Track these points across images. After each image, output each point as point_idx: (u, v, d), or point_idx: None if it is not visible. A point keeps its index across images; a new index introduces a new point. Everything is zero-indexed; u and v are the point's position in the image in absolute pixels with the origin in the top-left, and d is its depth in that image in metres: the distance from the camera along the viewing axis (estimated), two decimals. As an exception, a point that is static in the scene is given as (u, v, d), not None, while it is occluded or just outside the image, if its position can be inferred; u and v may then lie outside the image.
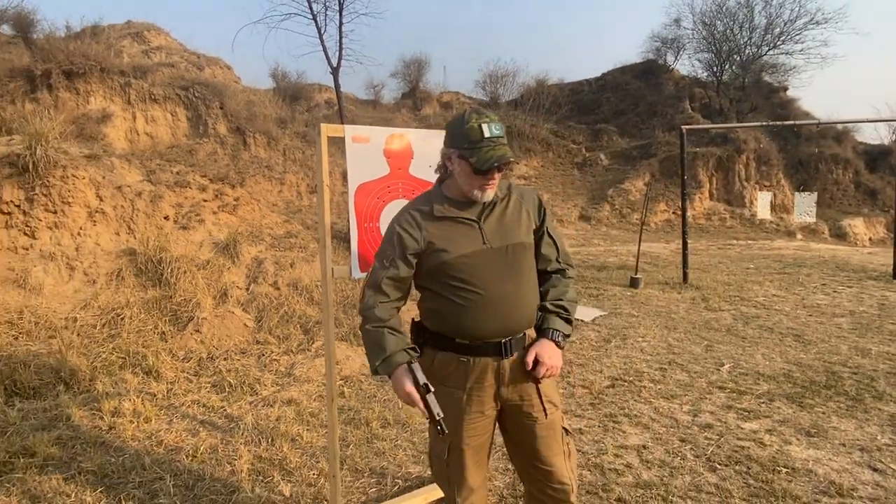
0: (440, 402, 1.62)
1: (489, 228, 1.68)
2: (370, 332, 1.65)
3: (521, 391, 1.71)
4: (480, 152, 1.58)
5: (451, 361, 1.69)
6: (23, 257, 5.19)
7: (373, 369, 1.65)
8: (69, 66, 10.90)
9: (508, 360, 1.69)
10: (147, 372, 3.92)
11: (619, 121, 20.91)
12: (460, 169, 1.64)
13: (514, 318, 1.68)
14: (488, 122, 1.60)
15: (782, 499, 2.54)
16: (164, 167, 6.66)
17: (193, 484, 2.61)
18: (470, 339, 1.66)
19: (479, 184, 1.64)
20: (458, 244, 1.65)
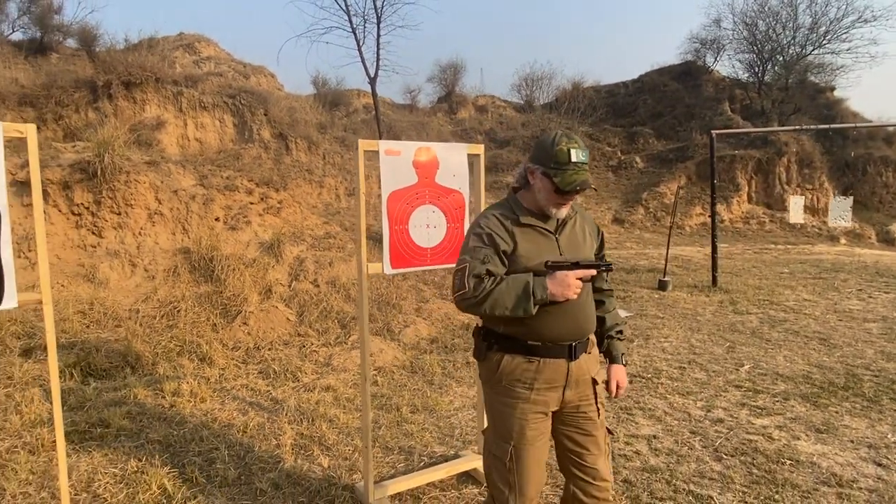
0: (506, 403, 1.76)
1: (563, 241, 1.79)
2: (494, 290, 1.67)
3: (580, 392, 1.81)
4: (565, 175, 1.68)
5: (519, 363, 1.75)
6: (91, 254, 5.73)
7: (532, 303, 1.65)
8: (127, 77, 11.66)
9: (575, 363, 1.77)
10: (201, 358, 4.34)
11: (656, 123, 20.71)
12: (542, 185, 1.74)
13: (582, 324, 1.79)
14: (577, 148, 1.70)
15: (782, 487, 2.71)
16: (215, 172, 7.15)
17: (244, 454, 2.97)
18: (542, 341, 1.74)
19: (557, 202, 1.74)
20: (540, 252, 1.75)
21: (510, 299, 1.66)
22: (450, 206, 2.54)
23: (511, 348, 1.77)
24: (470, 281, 1.70)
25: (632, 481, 2.73)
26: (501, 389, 1.78)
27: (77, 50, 13.85)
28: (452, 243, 2.55)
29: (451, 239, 2.55)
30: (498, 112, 24.14)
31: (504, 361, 1.77)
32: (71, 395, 3.61)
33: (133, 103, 12.05)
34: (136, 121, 11.85)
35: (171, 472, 2.74)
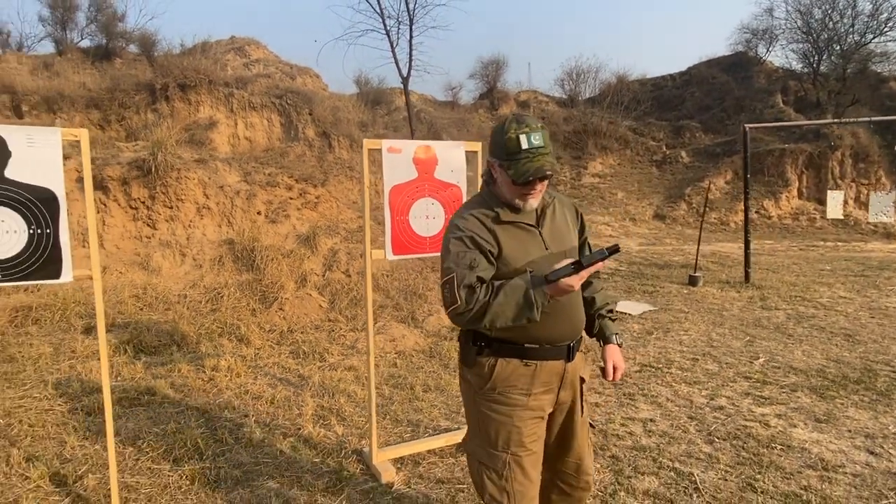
0: (498, 411, 1.66)
1: (546, 234, 1.68)
2: (492, 303, 1.54)
3: (573, 393, 1.75)
4: (518, 164, 1.56)
5: (514, 367, 1.65)
6: (146, 244, 6.29)
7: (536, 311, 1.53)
8: (183, 80, 12.40)
9: (571, 363, 1.71)
10: (239, 339, 4.75)
11: (704, 116, 20.20)
12: (502, 179, 1.64)
13: (577, 321, 1.71)
14: (527, 133, 1.56)
15: (766, 468, 2.82)
16: (258, 169, 7.63)
17: (270, 421, 3.32)
18: (540, 343, 1.64)
19: (521, 193, 1.63)
20: (526, 251, 1.63)
21: (510, 310, 1.53)
22: (448, 199, 2.79)
23: (505, 352, 1.65)
24: (461, 293, 1.55)
25: (619, 457, 2.91)
26: (494, 397, 1.67)
27: (138, 55, 14.81)
28: (450, 233, 2.80)
29: (449, 229, 2.80)
30: (540, 107, 24.07)
31: (498, 367, 1.65)
32: (124, 368, 4.08)
33: (188, 104, 12.81)
34: (190, 121, 12.61)
35: (205, 433, 3.12)
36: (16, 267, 2.01)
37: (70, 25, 15.40)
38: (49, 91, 11.02)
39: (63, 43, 15.25)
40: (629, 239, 13.01)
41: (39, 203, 2.04)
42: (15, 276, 2.02)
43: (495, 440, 1.67)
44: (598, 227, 13.96)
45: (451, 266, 1.59)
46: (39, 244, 2.03)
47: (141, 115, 12.13)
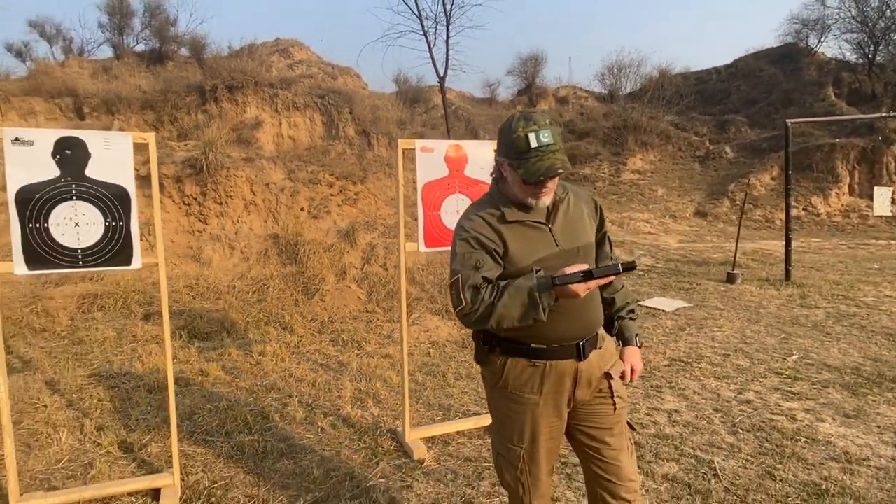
0: (513, 408, 1.68)
1: (558, 231, 1.65)
2: (497, 304, 1.53)
3: (594, 391, 1.71)
4: (528, 164, 1.53)
5: (523, 367, 1.65)
6: (198, 238, 6.69)
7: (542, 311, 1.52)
8: (231, 81, 12.94)
9: (585, 362, 1.66)
10: (284, 327, 5.05)
11: (750, 111, 19.62)
12: (512, 178, 1.61)
13: (589, 319, 1.67)
14: (536, 131, 1.53)
15: (788, 459, 2.88)
16: (301, 167, 7.97)
17: (311, 402, 3.57)
18: (547, 343, 1.62)
19: (532, 192, 1.60)
20: (534, 249, 1.61)
21: (516, 311, 1.52)
22: (478, 195, 2.93)
23: (514, 352, 1.66)
24: (466, 294, 1.55)
25: (641, 444, 3.02)
26: (508, 394, 1.68)
27: (189, 58, 15.49)
28: (480, 227, 2.97)
29: (478, 223, 2.97)
30: (579, 103, 23.87)
31: (508, 366, 1.67)
32: (180, 352, 4.42)
33: (235, 105, 13.35)
34: (238, 121, 13.14)
35: (253, 410, 3.39)
36: (95, 254, 2.29)
37: (126, 31, 16.23)
38: (108, 94, 11.67)
39: (120, 48, 16.08)
40: (668, 236, 12.85)
41: (114, 198, 2.32)
42: (93, 263, 2.30)
43: (511, 435, 1.70)
44: (636, 224, 13.84)
45: (457, 268, 1.60)
46: (114, 235, 2.31)
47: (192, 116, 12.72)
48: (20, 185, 2.20)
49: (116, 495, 2.50)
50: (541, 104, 22.95)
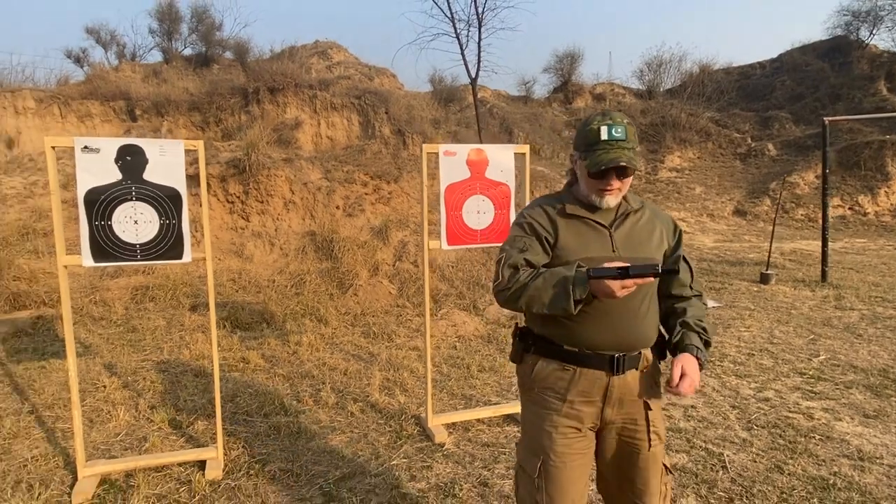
0: (537, 413, 1.63)
1: (619, 237, 1.59)
2: (531, 284, 1.52)
3: (626, 414, 1.60)
4: (594, 155, 1.52)
5: (552, 370, 1.60)
6: (240, 234, 7.06)
7: (572, 303, 1.47)
8: (272, 83, 13.41)
9: (619, 378, 1.57)
10: (319, 320, 5.33)
11: (795, 106, 19.03)
12: (580, 172, 1.60)
13: (632, 334, 1.58)
14: (610, 125, 1.51)
15: (799, 455, 2.94)
16: (338, 167, 8.27)
17: (343, 389, 3.82)
18: (580, 347, 1.57)
19: (596, 188, 1.57)
20: (587, 246, 1.57)
21: (546, 295, 1.49)
22: (498, 196, 3.12)
23: (547, 352, 1.62)
24: (505, 271, 1.56)
25: (654, 436, 3.13)
26: (534, 397, 1.65)
27: (233, 61, 16.10)
28: (500, 226, 3.14)
29: (498, 222, 3.14)
30: (616, 99, 23.58)
31: (538, 367, 1.63)
32: (223, 340, 4.74)
33: (276, 106, 13.83)
34: (278, 122, 13.62)
35: (289, 395, 3.66)
36: (151, 249, 2.57)
37: (175, 36, 16.97)
38: (158, 97, 12.27)
39: (169, 52, 16.83)
40: (704, 235, 12.67)
41: (168, 199, 2.59)
42: (150, 257, 2.58)
43: (530, 441, 1.64)
44: (672, 222, 13.67)
45: (505, 247, 1.63)
46: (168, 232, 2.59)
47: (235, 117, 13.26)
48: (88, 188, 2.50)
49: (168, 464, 2.79)
50: (577, 101, 22.79)
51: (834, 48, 20.05)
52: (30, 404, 3.60)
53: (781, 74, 20.67)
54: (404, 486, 2.62)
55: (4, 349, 4.61)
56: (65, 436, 3.17)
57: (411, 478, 2.70)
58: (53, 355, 4.47)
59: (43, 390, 3.81)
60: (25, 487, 2.64)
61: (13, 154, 10.02)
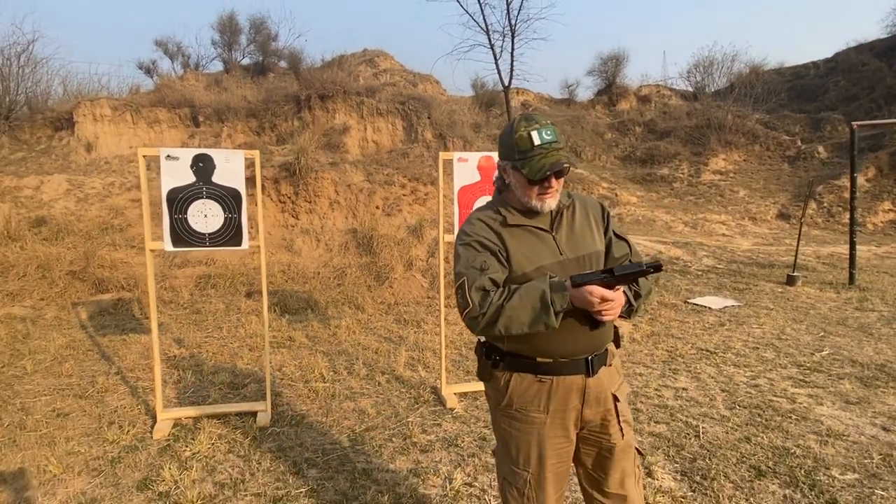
0: (519, 428, 1.61)
1: (562, 238, 1.60)
2: (506, 306, 1.47)
3: (602, 411, 1.63)
4: (532, 161, 1.51)
5: (529, 383, 1.59)
6: (290, 231, 7.78)
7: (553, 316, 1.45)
8: (323, 91, 14.26)
9: (594, 378, 1.60)
10: (357, 307, 5.93)
11: (849, 108, 18.45)
12: (516, 180, 1.59)
13: (599, 333, 1.58)
14: (538, 129, 1.52)
15: (771, 430, 3.28)
16: (379, 170, 8.91)
17: (373, 364, 4.38)
18: (555, 357, 1.56)
19: (538, 193, 1.57)
20: (536, 255, 1.56)
21: (526, 314, 1.45)
22: (505, 197, 3.60)
23: (519, 367, 1.60)
24: (473, 295, 1.49)
25: (640, 410, 3.53)
26: (513, 413, 1.62)
27: (287, 70, 17.10)
28: (506, 223, 3.62)
29: (505, 220, 3.62)
30: (662, 101, 23.42)
31: (513, 382, 1.60)
32: (273, 322, 5.40)
33: (326, 112, 14.68)
34: (328, 127, 14.45)
35: (327, 366, 4.26)
36: (217, 237, 3.19)
37: (235, 47, 18.16)
38: (219, 104, 13.27)
39: (229, 62, 18.02)
40: (743, 238, 12.63)
41: (231, 197, 3.21)
42: (216, 243, 3.21)
43: (516, 457, 1.63)
44: (711, 226, 13.66)
45: (461, 270, 1.55)
46: (230, 224, 3.21)
47: (288, 123, 14.17)
48: (169, 188, 3.14)
49: (227, 413, 3.42)
50: (621, 104, 22.79)
51: (893, 47, 19.32)
52: (115, 367, 4.34)
53: (836, 75, 20.08)
54: (416, 437, 3.14)
55: (92, 325, 5.43)
56: (144, 391, 3.86)
57: (423, 431, 3.22)
58: (132, 331, 5.24)
59: (125, 357, 4.55)
60: (117, 427, 3.32)
61: (91, 157, 11.18)
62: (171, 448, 3.04)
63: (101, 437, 3.19)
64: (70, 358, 4.52)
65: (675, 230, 13.08)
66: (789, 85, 20.43)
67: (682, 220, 13.67)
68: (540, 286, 1.47)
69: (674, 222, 13.47)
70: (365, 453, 2.98)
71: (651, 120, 20.71)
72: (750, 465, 2.87)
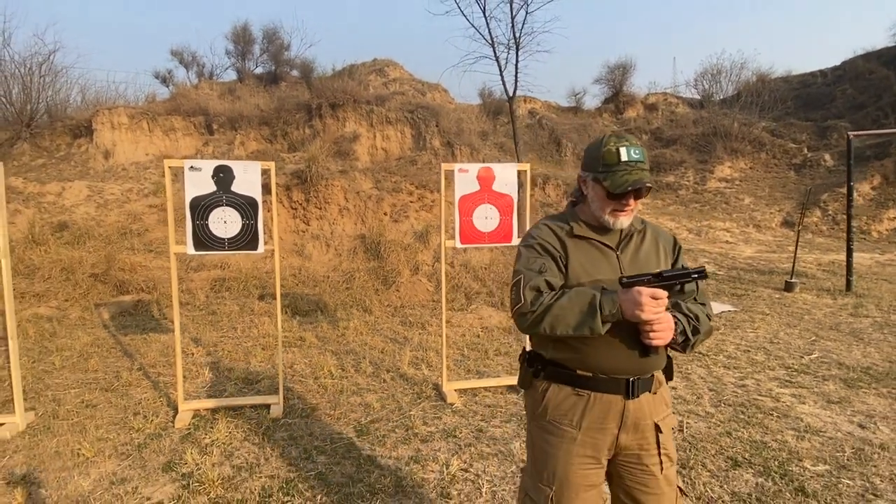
0: (548, 441, 1.60)
1: (626, 259, 1.61)
2: (554, 305, 1.49)
3: (640, 439, 1.59)
4: (616, 176, 1.53)
5: (566, 395, 1.58)
6: (301, 236, 8.06)
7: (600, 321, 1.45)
8: (333, 100, 14.60)
9: (634, 402, 1.56)
10: (365, 310, 6.19)
11: (856, 116, 18.53)
12: (594, 193, 1.60)
13: (646, 356, 1.56)
14: (627, 146, 1.54)
15: (752, 426, 3.48)
16: (387, 178, 9.18)
17: (378, 362, 4.63)
18: (594, 371, 1.56)
19: (613, 208, 1.58)
20: (596, 269, 1.57)
21: (573, 315, 1.46)
22: (503, 205, 3.85)
23: (559, 377, 1.60)
24: (527, 293, 1.53)
25: (630, 406, 3.74)
26: (545, 425, 1.61)
27: (299, 79, 17.48)
28: (504, 229, 3.86)
29: (503, 226, 3.86)
30: (669, 109, 23.57)
31: (550, 392, 1.61)
32: (285, 323, 5.67)
33: (337, 121, 15.02)
34: (338, 135, 14.79)
35: (335, 364, 4.51)
36: (235, 242, 3.46)
37: (248, 56, 18.59)
38: (232, 112, 13.64)
39: (242, 71, 18.45)
40: (747, 245, 12.77)
41: (248, 205, 3.48)
42: (234, 247, 3.47)
43: (541, 472, 1.61)
44: (715, 233, 13.80)
45: (520, 269, 1.59)
46: (248, 229, 3.47)
47: (300, 131, 14.53)
48: (192, 196, 3.42)
49: (242, 405, 3.68)
50: (628, 111, 22.96)
51: (900, 55, 19.38)
52: (137, 363, 4.62)
53: (843, 83, 20.16)
54: (417, 428, 3.38)
55: (114, 324, 5.72)
56: (165, 385, 4.13)
57: (424, 423, 3.46)
58: (152, 330, 5.53)
59: (146, 355, 4.83)
60: (142, 417, 3.59)
61: (109, 164, 11.56)
62: (192, 436, 3.30)
63: (128, 425, 3.46)
64: (95, 355, 4.81)
65: (680, 237, 13.24)
66: (796, 93, 20.53)
67: (687, 228, 13.81)
68: (591, 290, 1.49)
69: (678, 229, 13.62)
70: (369, 442, 3.22)
71: (658, 128, 20.87)
72: (727, 456, 3.08)
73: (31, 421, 3.52)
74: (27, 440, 3.27)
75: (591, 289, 1.50)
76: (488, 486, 2.75)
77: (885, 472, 2.92)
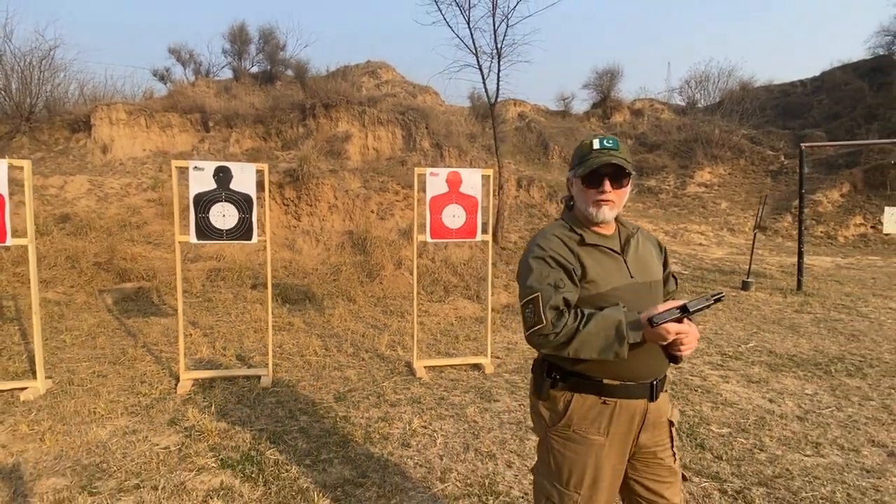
0: (574, 450, 1.60)
1: (631, 262, 1.63)
2: (582, 331, 1.47)
3: (657, 436, 1.65)
4: (587, 162, 1.57)
5: (592, 404, 1.58)
6: (292, 231, 8.57)
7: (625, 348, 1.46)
8: (327, 100, 15.09)
9: (655, 403, 1.61)
10: (349, 300, 6.72)
11: (831, 125, 19.25)
12: (577, 189, 1.64)
13: (663, 357, 1.60)
14: (600, 138, 1.58)
15: (677, 399, 4.02)
16: (374, 178, 9.71)
17: (359, 344, 5.16)
18: (621, 379, 1.56)
19: (593, 198, 1.60)
20: (611, 276, 1.58)
21: (599, 341, 1.46)
22: (469, 205, 4.39)
23: (582, 387, 1.59)
24: (547, 313, 1.49)
25: (575, 382, 4.30)
26: (569, 434, 1.60)
27: (293, 79, 17.95)
28: (469, 226, 4.40)
29: (468, 224, 4.40)
30: (655, 115, 24.23)
31: (574, 403, 1.59)
32: (275, 310, 6.19)
33: (330, 121, 15.51)
34: (330, 134, 15.28)
35: (320, 345, 5.05)
36: (232, 233, 3.98)
37: (244, 55, 19.03)
38: (228, 110, 14.10)
39: (238, 70, 18.88)
40: (719, 248, 13.39)
41: (244, 201, 4.00)
42: (231, 238, 4.00)
43: (567, 479, 1.61)
44: (690, 235, 14.42)
45: (533, 285, 1.54)
46: (243, 222, 4.00)
47: (294, 129, 15.00)
48: (196, 192, 3.94)
49: (236, 376, 4.20)
50: (615, 116, 23.58)
51: (875, 68, 20.13)
52: (141, 342, 5.12)
53: (821, 93, 20.88)
54: (388, 396, 3.92)
55: (117, 309, 6.22)
56: (167, 360, 4.64)
57: (394, 392, 4.00)
58: (152, 314, 6.03)
59: (148, 335, 5.34)
60: (148, 384, 4.10)
61: (107, 159, 12.00)
62: (193, 399, 3.82)
63: (136, 391, 3.97)
64: (101, 334, 5.31)
65: (655, 239, 13.82)
66: (776, 101, 21.24)
67: (664, 230, 14.42)
68: (616, 316, 1.48)
69: (655, 231, 14.22)
70: (346, 406, 3.75)
71: (643, 133, 21.50)
72: (648, 421, 3.63)
73: (50, 387, 4.03)
74: (49, 401, 3.78)
75: (614, 312, 1.50)
76: (442, 439, 3.29)
77: (777, 434, 3.48)
